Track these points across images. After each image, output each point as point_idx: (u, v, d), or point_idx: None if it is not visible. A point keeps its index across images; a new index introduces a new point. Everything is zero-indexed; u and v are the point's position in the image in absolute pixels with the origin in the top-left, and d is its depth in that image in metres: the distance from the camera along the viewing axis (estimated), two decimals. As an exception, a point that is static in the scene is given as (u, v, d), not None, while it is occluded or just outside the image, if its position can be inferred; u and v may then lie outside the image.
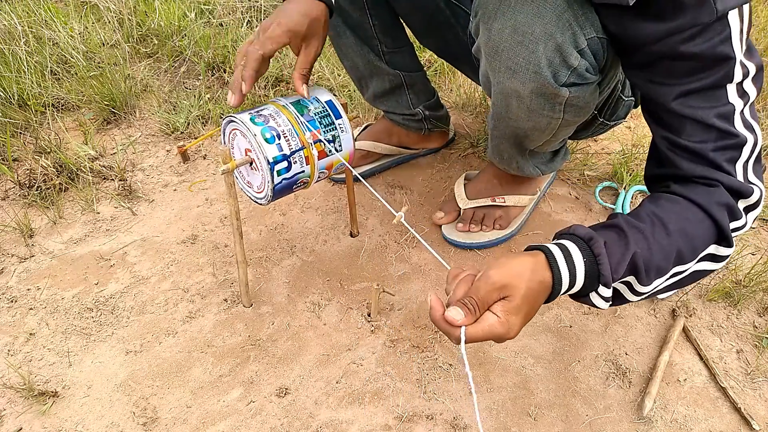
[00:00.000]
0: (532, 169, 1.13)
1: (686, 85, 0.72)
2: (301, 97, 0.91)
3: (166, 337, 1.00)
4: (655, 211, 0.73)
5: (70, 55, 1.56)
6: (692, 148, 0.74)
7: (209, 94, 1.53)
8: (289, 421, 0.89)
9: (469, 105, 1.55)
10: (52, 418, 0.88)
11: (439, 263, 1.15)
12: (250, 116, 0.88)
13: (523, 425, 0.90)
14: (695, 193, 0.73)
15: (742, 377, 0.98)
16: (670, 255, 0.71)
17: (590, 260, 0.68)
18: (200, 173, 1.34)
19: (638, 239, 0.70)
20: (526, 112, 0.89)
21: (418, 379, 0.95)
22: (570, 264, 0.67)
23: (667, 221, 0.71)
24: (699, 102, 0.73)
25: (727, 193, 0.73)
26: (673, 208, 0.73)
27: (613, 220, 0.73)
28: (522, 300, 0.65)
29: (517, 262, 0.66)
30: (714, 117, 0.72)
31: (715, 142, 0.73)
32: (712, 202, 0.72)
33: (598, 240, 0.68)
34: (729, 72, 0.71)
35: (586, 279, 0.68)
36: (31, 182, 1.25)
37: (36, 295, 1.06)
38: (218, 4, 1.81)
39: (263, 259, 1.14)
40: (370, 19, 1.11)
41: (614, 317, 1.07)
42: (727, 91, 0.72)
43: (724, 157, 0.73)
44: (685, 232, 0.72)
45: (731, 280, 1.12)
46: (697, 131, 0.74)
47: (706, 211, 0.72)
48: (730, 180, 0.73)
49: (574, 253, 0.67)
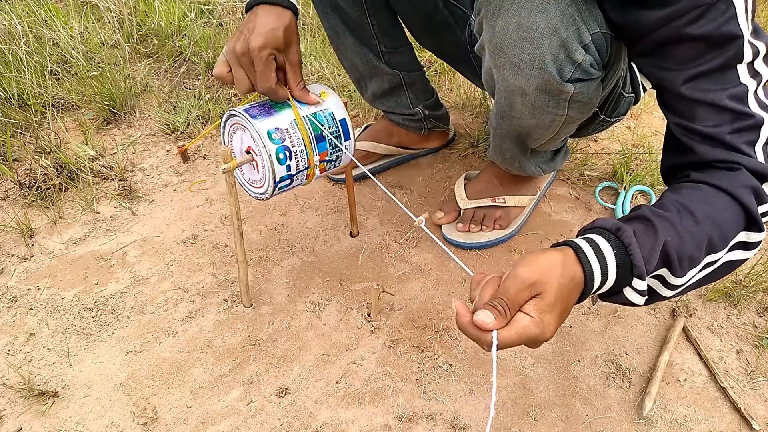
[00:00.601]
0: (534, 169, 1.13)
1: (695, 69, 0.70)
2: (317, 107, 0.91)
3: (166, 337, 1.00)
4: (679, 200, 0.69)
5: (70, 55, 1.56)
6: (707, 132, 0.71)
7: (209, 94, 1.53)
8: (289, 421, 0.89)
9: (469, 105, 1.55)
10: (52, 418, 0.88)
11: (438, 263, 1.15)
12: (268, 129, 0.87)
13: (523, 425, 0.90)
14: (717, 178, 0.70)
15: (742, 377, 0.98)
16: (701, 243, 0.66)
17: (621, 251, 0.63)
18: (200, 173, 1.34)
19: (667, 228, 0.66)
20: (531, 110, 0.88)
21: (418, 379, 0.95)
22: (600, 257, 0.63)
23: (693, 209, 0.67)
24: (710, 85, 0.70)
25: (750, 175, 0.69)
26: (697, 195, 0.69)
27: (637, 212, 0.69)
28: (555, 297, 0.60)
29: (546, 258, 0.62)
30: (727, 99, 0.69)
31: (731, 125, 0.70)
32: (737, 185, 0.68)
33: (627, 230, 0.64)
34: (738, 52, 0.68)
35: (618, 272, 0.63)
36: (31, 182, 1.25)
37: (36, 295, 1.06)
38: (218, 4, 1.81)
39: (263, 259, 1.15)
40: (369, 19, 1.11)
41: (614, 317, 1.07)
42: (738, 71, 0.69)
43: (742, 139, 0.70)
44: (713, 219, 0.67)
45: (731, 280, 1.12)
46: (710, 115, 0.71)
47: (732, 195, 0.68)
48: (751, 162, 0.69)
49: (603, 245, 0.63)
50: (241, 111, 0.88)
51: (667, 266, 0.66)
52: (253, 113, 0.87)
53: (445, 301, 1.08)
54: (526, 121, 0.92)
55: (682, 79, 0.71)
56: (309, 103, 0.90)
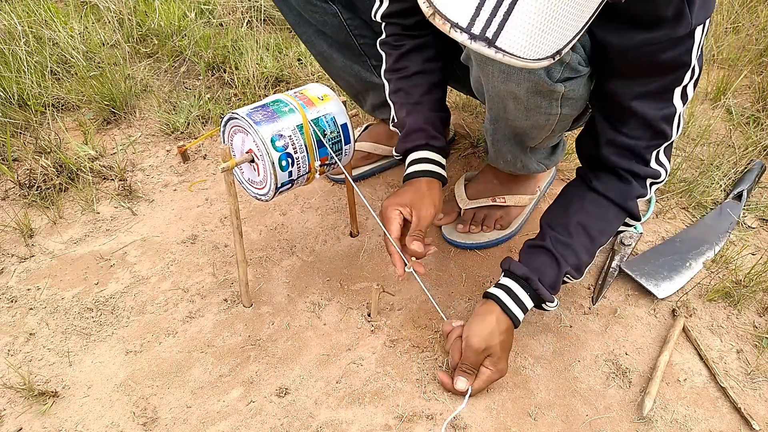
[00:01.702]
0: (536, 165, 1.13)
1: (645, 87, 0.82)
2: (318, 111, 0.92)
3: (166, 337, 1.00)
4: (581, 221, 0.92)
5: (70, 55, 1.56)
6: (627, 144, 0.88)
7: (209, 94, 1.53)
8: (289, 421, 0.89)
9: (469, 105, 1.55)
10: (52, 418, 0.88)
11: (438, 263, 1.15)
12: (272, 136, 0.87)
13: (523, 425, 0.90)
14: (613, 190, 0.92)
15: (742, 377, 0.98)
16: (594, 251, 0.94)
17: (533, 293, 0.91)
18: (200, 173, 1.34)
19: (567, 254, 0.92)
20: (524, 112, 0.89)
21: (418, 379, 0.95)
22: (519, 303, 0.91)
23: (590, 227, 0.92)
24: (652, 103, 0.83)
25: (638, 186, 0.91)
26: (595, 211, 0.93)
27: (543, 242, 0.93)
28: (501, 350, 0.90)
29: (486, 324, 0.90)
30: (660, 118, 0.84)
31: (649, 141, 0.87)
32: (627, 199, 0.92)
33: (533, 278, 0.90)
34: (681, 77, 0.80)
35: (534, 302, 0.93)
36: (31, 182, 1.25)
37: (36, 295, 1.06)
38: (218, 4, 1.81)
39: (263, 259, 1.14)
40: (354, 39, 1.11)
41: (614, 317, 1.07)
42: (674, 93, 0.82)
43: (650, 151, 0.88)
44: (603, 231, 0.93)
45: (731, 280, 1.12)
46: (638, 128, 0.86)
47: (621, 207, 0.92)
48: (645, 170, 0.89)
49: (520, 293, 0.92)
50: (243, 115, 0.87)
51: (571, 276, 0.93)
52: (256, 118, 0.87)
53: (445, 301, 1.08)
54: (521, 123, 0.93)
55: (632, 95, 0.83)
56: (416, 255, 0.93)
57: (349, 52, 1.14)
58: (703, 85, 1.66)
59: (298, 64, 1.65)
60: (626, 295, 1.11)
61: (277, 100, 0.92)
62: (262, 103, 0.91)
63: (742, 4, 1.95)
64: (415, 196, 0.95)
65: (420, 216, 0.93)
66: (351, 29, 1.10)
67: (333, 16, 1.08)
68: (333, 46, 1.13)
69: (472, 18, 0.56)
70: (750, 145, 1.44)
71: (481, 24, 0.56)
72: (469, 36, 0.57)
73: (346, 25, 1.09)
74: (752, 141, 1.45)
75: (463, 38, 0.57)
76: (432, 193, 0.96)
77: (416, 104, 1.01)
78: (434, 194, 0.97)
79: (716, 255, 1.17)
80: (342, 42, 1.12)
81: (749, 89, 1.68)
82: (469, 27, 0.56)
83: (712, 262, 1.17)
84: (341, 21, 1.09)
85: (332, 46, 1.13)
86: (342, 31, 1.10)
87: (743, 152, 1.42)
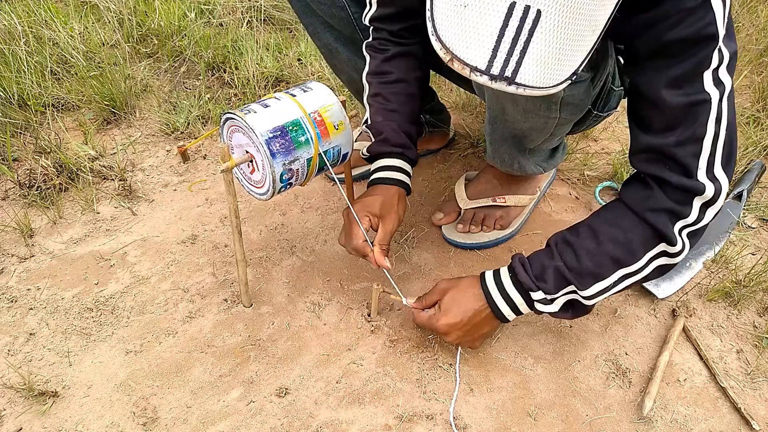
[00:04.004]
0: (533, 168, 1.13)
1: (667, 73, 0.73)
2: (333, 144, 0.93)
3: (166, 337, 1.00)
4: (592, 224, 0.85)
5: (70, 55, 1.56)
6: (653, 144, 0.78)
7: (209, 94, 1.53)
8: (289, 421, 0.89)
9: (469, 105, 1.55)
10: (52, 418, 0.88)
11: (438, 263, 1.15)
12: (282, 171, 0.87)
13: (523, 425, 0.90)
14: (631, 196, 0.83)
15: (742, 377, 0.98)
16: (602, 260, 0.83)
17: (513, 276, 0.87)
18: (200, 173, 1.34)
19: (565, 251, 0.84)
20: (523, 114, 0.89)
21: (418, 379, 0.95)
22: (498, 282, 0.89)
23: (599, 232, 0.83)
24: (676, 90, 0.73)
25: (662, 196, 0.78)
26: (609, 217, 0.85)
27: (549, 239, 0.89)
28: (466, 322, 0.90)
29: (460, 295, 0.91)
30: (686, 106, 0.73)
31: (679, 137, 0.75)
32: (646, 209, 0.80)
33: (516, 262, 0.87)
34: (707, 57, 0.70)
35: (516, 288, 0.87)
36: (31, 182, 1.25)
37: (36, 295, 1.06)
38: (218, 4, 1.81)
39: (263, 259, 1.14)
40: (360, 34, 1.11)
41: (614, 317, 1.07)
42: (704, 78, 0.72)
43: (685, 151, 0.75)
44: (616, 239, 0.82)
45: (731, 280, 1.12)
46: (663, 122, 0.75)
47: (640, 217, 0.81)
48: (680, 180, 0.76)
49: (504, 275, 0.89)
50: (263, 141, 0.84)
51: (571, 283, 0.84)
52: (273, 148, 0.85)
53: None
54: (520, 125, 0.93)
55: (655, 85, 0.74)
56: (381, 266, 0.93)
57: (354, 46, 1.13)
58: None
59: (298, 64, 1.65)
60: (626, 295, 1.11)
61: (297, 123, 0.89)
62: (282, 122, 0.87)
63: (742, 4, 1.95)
64: (384, 208, 0.97)
65: (387, 229, 0.95)
66: (358, 24, 1.10)
67: (341, 9, 1.07)
68: (339, 39, 1.12)
69: (490, 60, 0.57)
70: (750, 145, 1.44)
71: (500, 64, 0.57)
72: (489, 77, 0.58)
73: (354, 20, 1.08)
74: (752, 141, 1.45)
75: (484, 80, 0.58)
76: (399, 206, 0.99)
77: (392, 111, 1.02)
78: (401, 207, 0.99)
79: (716, 255, 1.17)
80: (348, 36, 1.12)
81: (749, 89, 1.68)
82: (488, 69, 0.57)
83: (712, 262, 1.17)
84: (349, 14, 1.08)
85: (338, 39, 1.12)
86: (349, 25, 1.09)
87: (743, 152, 1.42)
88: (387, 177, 1.00)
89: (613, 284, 0.84)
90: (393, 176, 1.00)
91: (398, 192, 0.99)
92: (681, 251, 0.81)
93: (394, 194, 0.98)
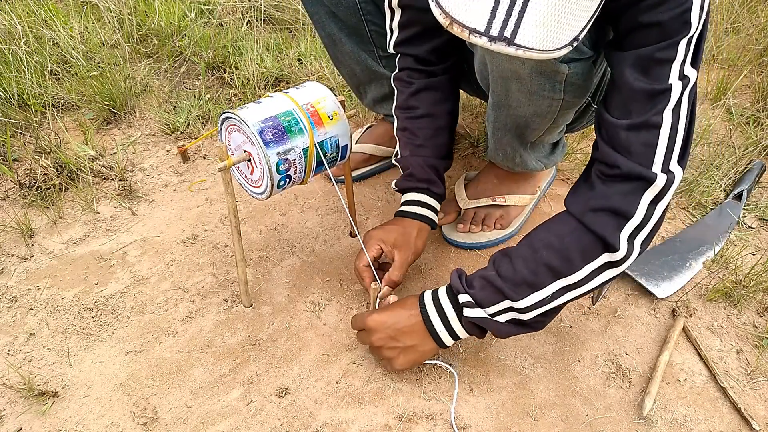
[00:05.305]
0: (535, 163, 1.13)
1: (638, 51, 0.72)
2: (329, 135, 0.93)
3: (166, 337, 1.00)
4: (530, 233, 0.85)
5: (70, 55, 1.56)
6: (609, 124, 0.76)
7: (209, 94, 1.53)
8: (289, 421, 0.89)
9: (469, 105, 1.55)
10: (52, 418, 0.88)
11: (438, 263, 1.15)
12: (278, 161, 0.88)
13: (523, 425, 0.90)
14: (574, 202, 0.81)
15: (742, 377, 0.98)
16: (536, 269, 0.80)
17: (448, 285, 0.88)
18: (200, 173, 1.34)
19: (501, 262, 0.84)
20: (527, 96, 0.89)
21: (418, 379, 0.95)
22: (434, 294, 0.89)
23: (534, 239, 0.83)
24: (639, 73, 0.72)
25: (609, 192, 0.76)
26: (547, 224, 0.84)
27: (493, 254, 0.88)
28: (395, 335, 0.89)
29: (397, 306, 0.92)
30: (645, 93, 0.72)
31: (633, 120, 0.74)
32: (587, 210, 0.78)
33: (453, 272, 0.87)
34: (679, 44, 0.70)
35: (449, 296, 0.87)
36: (31, 182, 1.25)
37: (36, 295, 1.06)
38: (218, 4, 1.81)
39: (263, 259, 1.14)
40: (366, 25, 1.11)
41: (614, 317, 1.07)
42: (671, 68, 0.71)
43: (639, 138, 0.74)
44: (550, 244, 0.80)
45: (731, 280, 1.12)
46: (620, 102, 0.75)
47: (579, 221, 0.79)
48: (630, 166, 0.74)
49: (441, 287, 0.89)
50: (255, 131, 0.85)
51: (504, 295, 0.82)
52: (266, 137, 0.86)
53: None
54: (524, 110, 0.92)
55: (627, 63, 0.73)
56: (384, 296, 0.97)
57: (358, 38, 1.13)
58: (703, 85, 1.66)
59: (298, 64, 1.65)
60: (626, 295, 1.11)
61: (289, 114, 0.90)
62: (274, 113, 0.89)
63: (742, 4, 1.95)
64: (401, 239, 0.99)
65: (400, 261, 0.97)
66: (364, 14, 1.09)
67: None
68: (343, 29, 1.12)
69: (488, 21, 0.57)
70: (750, 145, 1.44)
71: (498, 25, 0.57)
72: (488, 38, 0.58)
73: (360, 9, 1.08)
74: (752, 141, 1.45)
75: (483, 41, 0.58)
76: (417, 240, 1.01)
77: (420, 146, 1.04)
78: (419, 240, 1.01)
79: (716, 255, 1.17)
80: (353, 26, 1.11)
81: (749, 89, 1.68)
82: (487, 30, 0.57)
83: (712, 262, 1.17)
84: (356, 3, 1.08)
85: (342, 29, 1.12)
86: (354, 15, 1.09)
87: (743, 152, 1.42)
88: (410, 211, 1.03)
89: (551, 296, 0.81)
90: (416, 211, 1.03)
91: (419, 226, 1.02)
92: (626, 257, 0.78)
93: (413, 227, 1.01)
